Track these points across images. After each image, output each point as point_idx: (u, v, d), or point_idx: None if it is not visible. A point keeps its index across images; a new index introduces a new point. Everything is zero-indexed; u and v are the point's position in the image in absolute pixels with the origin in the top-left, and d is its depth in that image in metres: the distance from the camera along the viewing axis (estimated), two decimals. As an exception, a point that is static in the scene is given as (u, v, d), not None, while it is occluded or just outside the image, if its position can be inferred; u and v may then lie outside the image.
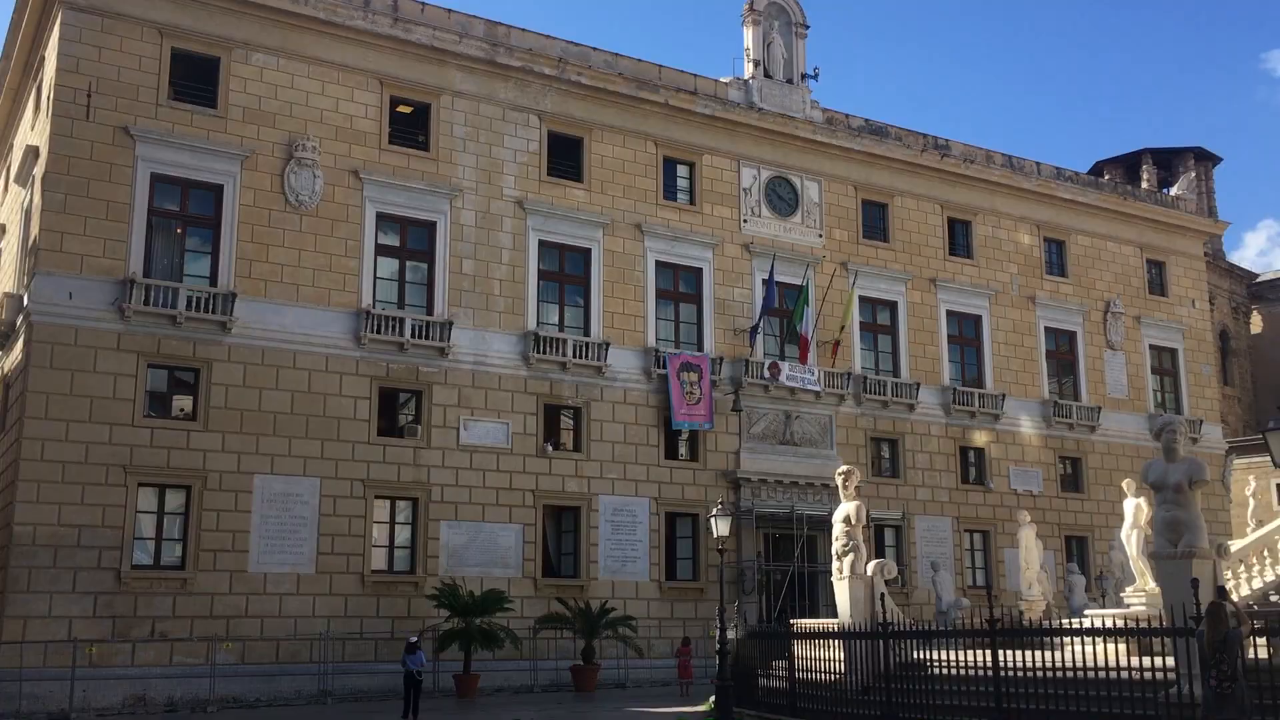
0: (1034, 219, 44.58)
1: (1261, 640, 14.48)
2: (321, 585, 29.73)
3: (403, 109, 33.83)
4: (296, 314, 30.72)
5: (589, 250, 35.78)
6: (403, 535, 31.69)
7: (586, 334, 35.13)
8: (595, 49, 37.01)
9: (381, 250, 32.76)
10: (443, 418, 32.34)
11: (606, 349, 34.92)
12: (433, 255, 33.32)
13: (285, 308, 30.63)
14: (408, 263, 33.27)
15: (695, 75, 38.71)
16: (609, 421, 34.82)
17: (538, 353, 33.79)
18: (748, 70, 39.96)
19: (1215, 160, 65.39)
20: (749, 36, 40.31)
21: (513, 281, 34.25)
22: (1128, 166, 62.26)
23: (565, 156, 36.04)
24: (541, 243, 35.11)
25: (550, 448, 33.84)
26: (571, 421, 34.87)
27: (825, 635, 19.21)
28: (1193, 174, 57.12)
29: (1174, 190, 51.99)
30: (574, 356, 34.34)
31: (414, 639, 25.51)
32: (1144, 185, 53.50)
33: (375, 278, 32.46)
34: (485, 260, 33.90)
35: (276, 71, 31.71)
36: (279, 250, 30.89)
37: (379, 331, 31.60)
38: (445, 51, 34.04)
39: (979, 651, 16.48)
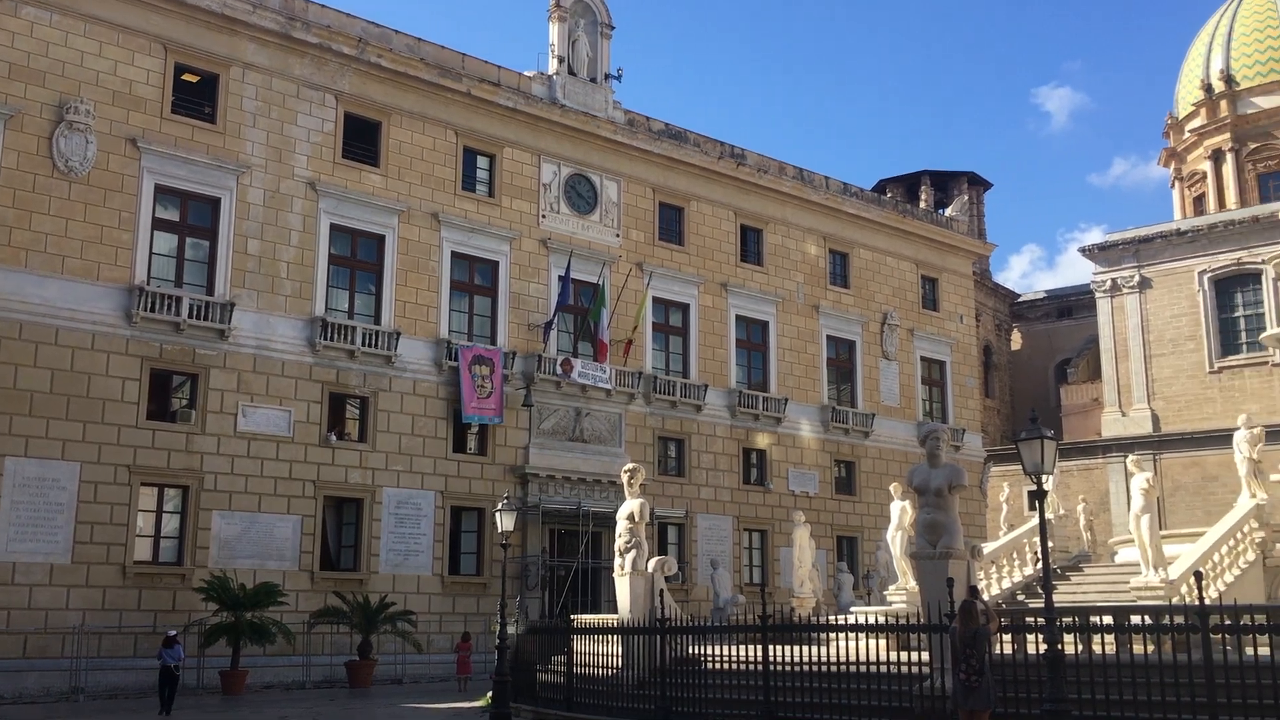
0: (821, 231, 46.35)
1: (1008, 636, 15.52)
2: (77, 576, 27.96)
3: (188, 77, 32.19)
4: (60, 287, 28.79)
5: (383, 237, 34.99)
6: (171, 525, 30.16)
7: (377, 322, 34.35)
8: (398, 32, 36.22)
9: (159, 225, 31.08)
10: (220, 403, 30.96)
11: (397, 338, 34.23)
12: (216, 233, 31.85)
13: (48, 280, 28.67)
14: (188, 239, 31.67)
15: (499, 67, 38.44)
16: (397, 412, 34.15)
17: (325, 339, 32.80)
18: (552, 66, 39.97)
19: (987, 185, 69.66)
20: (554, 33, 40.33)
21: (301, 265, 33.13)
22: (908, 186, 65.62)
23: (362, 139, 35.12)
24: (333, 226, 34.10)
25: (334, 437, 32.91)
26: (358, 411, 34.02)
27: (604, 630, 19.41)
28: (966, 197, 60.71)
29: (949, 211, 55.07)
30: (363, 345, 33.51)
31: (173, 633, 24.43)
32: (922, 205, 56.49)
33: (151, 253, 30.75)
34: (272, 241, 32.66)
35: (49, 27, 29.62)
36: (44, 219, 28.87)
37: (153, 310, 29.96)
38: (237, 21, 32.59)
39: (751, 647, 16.99)
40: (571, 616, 22.08)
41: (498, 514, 24.49)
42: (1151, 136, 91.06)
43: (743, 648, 17.48)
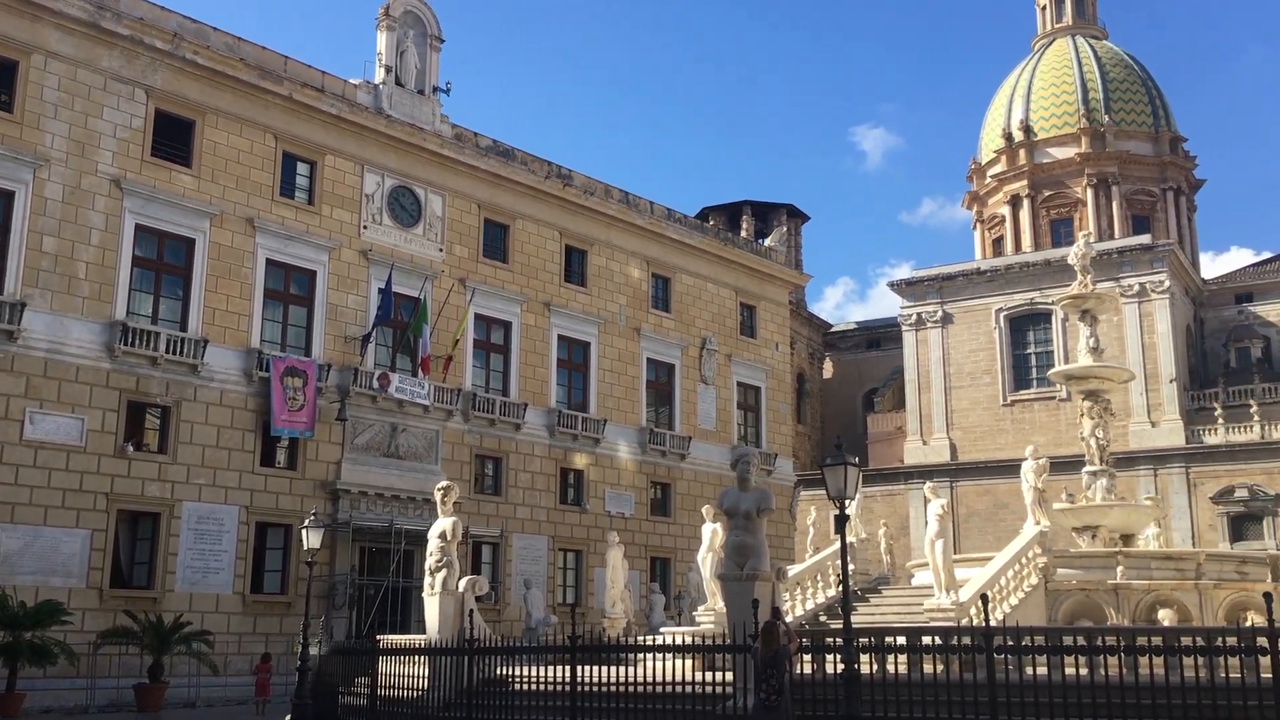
0: (645, 255, 46.94)
1: (808, 656, 15.99)
2: None
3: (-16, 62, 30.25)
4: None
5: (193, 240, 33.58)
6: (-57, 538, 28.05)
7: (183, 329, 32.89)
8: (216, 29, 34.95)
9: (-56, 216, 29.00)
10: (5, 409, 29.05)
11: (204, 346, 32.86)
12: (8, 229, 29.95)
13: None
14: (-24, 233, 29.66)
15: (324, 73, 37.55)
16: (201, 423, 32.75)
17: (125, 345, 31.21)
18: (379, 75, 39.30)
19: (805, 218, 72.12)
20: (383, 42, 39.68)
21: (101, 266, 31.46)
22: (730, 215, 67.33)
23: (173, 138, 33.68)
24: (139, 227, 32.53)
25: (131, 448, 31.30)
26: (158, 421, 32.45)
27: (410, 651, 19.05)
28: (785, 228, 62.68)
29: (768, 241, 56.66)
30: (167, 352, 32.02)
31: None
32: (743, 234, 57.90)
33: (-67, 246, 28.67)
34: (71, 240, 30.92)
35: None
36: None
37: (-67, 307, 27.89)
38: (40, 6, 30.83)
39: (561, 667, 16.97)
40: (377, 637, 21.58)
41: (304, 530, 23.74)
42: (958, 179, 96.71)
43: (553, 668, 17.45)
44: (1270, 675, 13.45)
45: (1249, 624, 17.83)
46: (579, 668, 16.37)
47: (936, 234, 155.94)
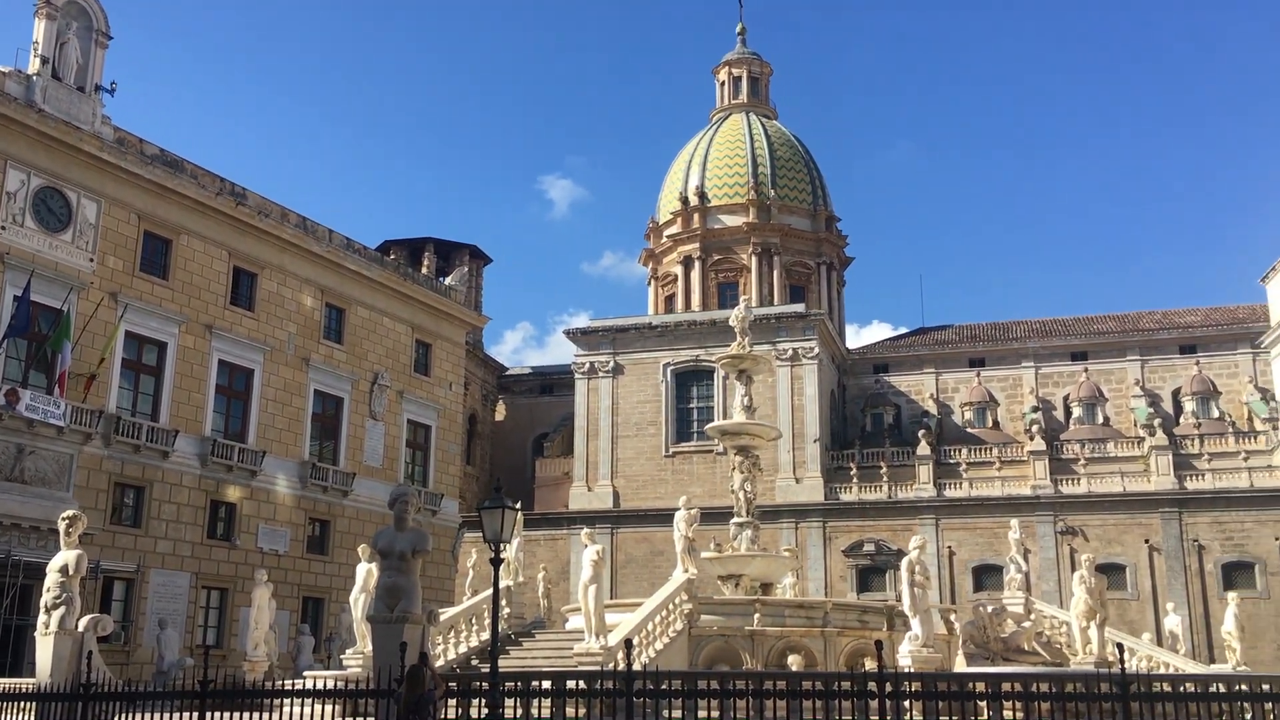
0: (319, 283, 45.49)
1: (454, 701, 15.88)
2: None
3: None
4: None
5: None
6: None
7: None
8: None
9: None
10: None
11: None
12: None
13: None
14: None
15: (-33, 54, 34.08)
16: None
17: None
18: (33, 66, 36.10)
19: (488, 260, 72.45)
20: (41, 30, 36.53)
21: None
22: (413, 250, 66.56)
23: None
24: None
25: None
26: None
27: (15, 697, 17.27)
28: (467, 269, 62.69)
29: (449, 280, 56.42)
30: None
31: None
32: (424, 270, 57.32)
33: None
34: None
35: None
36: None
37: None
38: None
39: (191, 714, 15.94)
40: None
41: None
42: (637, 236, 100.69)
43: (182, 715, 16.36)
44: (876, 718, 14.68)
45: (865, 669, 19.36)
46: (211, 714, 15.45)
47: (615, 286, 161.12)
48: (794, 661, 24.45)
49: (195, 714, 15.64)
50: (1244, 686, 16.36)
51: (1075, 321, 71.76)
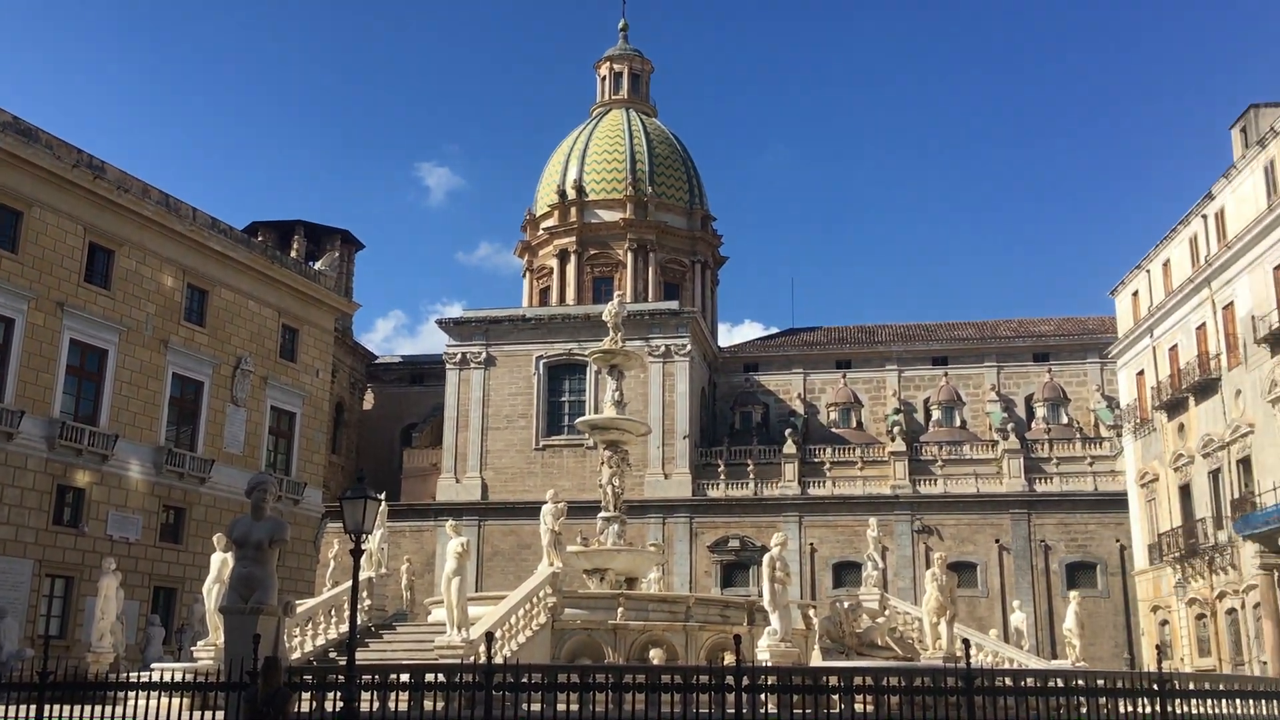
0: (181, 263, 43.97)
1: (308, 695, 15.57)
2: None
3: None
4: None
5: None
6: None
7: None
8: None
9: None
10: None
11: None
12: None
13: None
14: None
15: None
16: None
17: None
18: (-125, 20, 34.03)
19: (359, 246, 71.09)
20: (-116, -18, 34.44)
21: None
22: (282, 233, 64.87)
23: None
24: None
25: None
26: None
27: None
28: (338, 254, 61.38)
29: (319, 265, 55.18)
30: None
31: None
32: (293, 254, 55.96)
33: None
34: None
35: None
36: None
37: None
38: None
39: (29, 707, 15.28)
40: None
41: None
42: (514, 227, 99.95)
43: (19, 709, 15.66)
44: (733, 711, 14.94)
45: (724, 663, 19.68)
46: (50, 708, 14.83)
47: (490, 278, 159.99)
48: (656, 655, 24.68)
49: (33, 707, 14.99)
50: (1080, 682, 17.14)
51: (937, 327, 74.09)
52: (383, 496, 27.48)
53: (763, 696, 15.41)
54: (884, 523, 56.13)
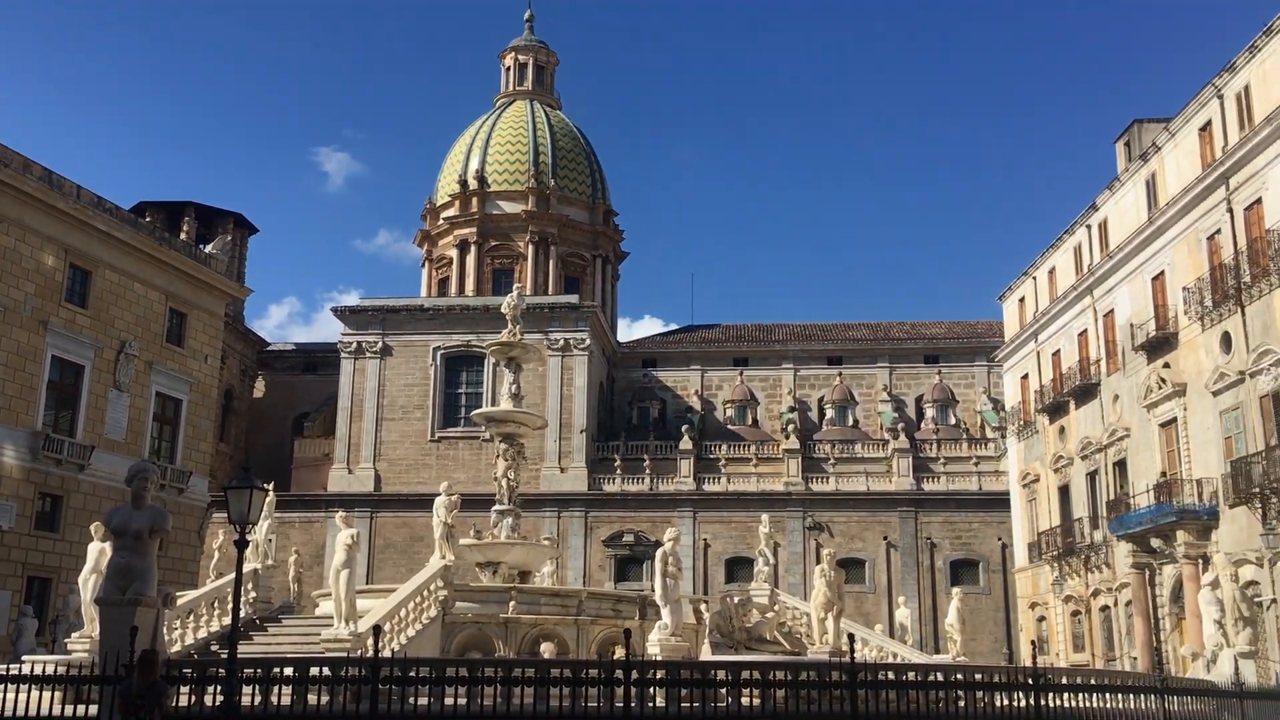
0: (63, 242, 42.40)
1: (187, 689, 15.17)
2: None
3: None
4: None
5: None
6: None
7: None
8: None
9: None
10: None
11: None
12: None
13: None
14: None
15: None
16: None
17: None
18: None
19: (253, 230, 69.38)
20: None
21: None
22: (171, 214, 62.97)
23: None
24: None
25: None
26: None
27: None
28: (230, 237, 59.80)
29: (210, 248, 53.75)
30: None
31: None
32: (183, 236, 54.41)
33: None
34: None
35: None
36: None
37: None
38: None
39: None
40: None
41: None
42: (414, 216, 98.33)
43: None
44: (622, 705, 15.00)
45: (614, 657, 19.72)
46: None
47: (389, 266, 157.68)
48: (547, 649, 24.63)
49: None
50: (959, 676, 17.60)
51: (833, 327, 75.31)
52: (270, 486, 26.97)
53: (651, 690, 15.50)
54: (776, 519, 56.92)
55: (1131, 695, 18.04)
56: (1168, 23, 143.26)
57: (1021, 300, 54.96)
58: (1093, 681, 18.28)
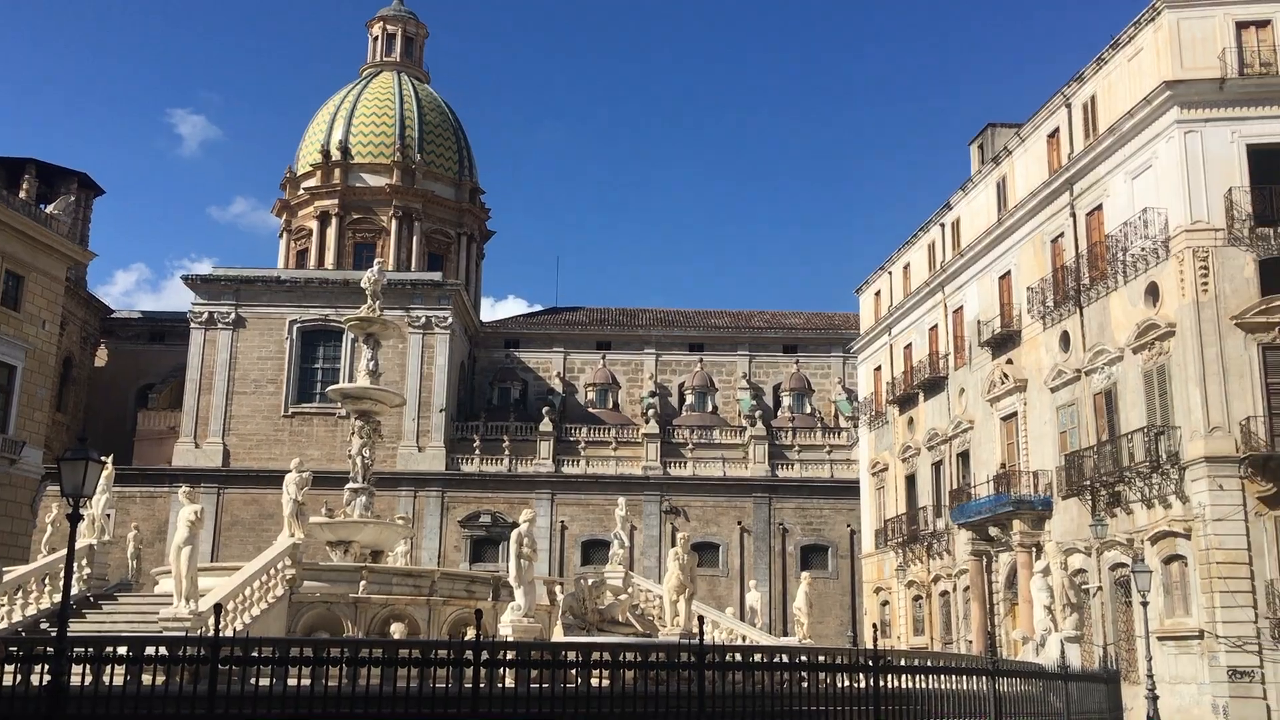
0: (-112, 195, 39.80)
1: (11, 667, 14.46)
2: None
3: None
4: None
5: None
6: None
7: None
8: None
9: None
10: None
11: None
12: None
13: None
14: None
15: None
16: None
17: None
18: None
19: (99, 191, 66.27)
20: None
21: None
22: (10, 170, 59.51)
23: None
24: None
25: None
26: None
27: None
28: (74, 198, 57.05)
29: (51, 208, 51.12)
30: None
31: None
32: (22, 194, 51.53)
33: None
34: None
35: None
36: None
37: None
38: None
39: None
40: None
41: None
42: (273, 184, 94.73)
43: None
44: (471, 685, 14.90)
45: (466, 638, 19.59)
46: None
47: (245, 235, 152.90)
48: (397, 630, 24.32)
49: None
50: (804, 658, 18.05)
51: (695, 314, 76.19)
52: (110, 459, 25.91)
53: (501, 671, 15.44)
54: (634, 502, 57.35)
55: (965, 677, 18.79)
56: (1027, 28, 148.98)
57: (877, 294, 56.54)
58: (929, 664, 18.96)
